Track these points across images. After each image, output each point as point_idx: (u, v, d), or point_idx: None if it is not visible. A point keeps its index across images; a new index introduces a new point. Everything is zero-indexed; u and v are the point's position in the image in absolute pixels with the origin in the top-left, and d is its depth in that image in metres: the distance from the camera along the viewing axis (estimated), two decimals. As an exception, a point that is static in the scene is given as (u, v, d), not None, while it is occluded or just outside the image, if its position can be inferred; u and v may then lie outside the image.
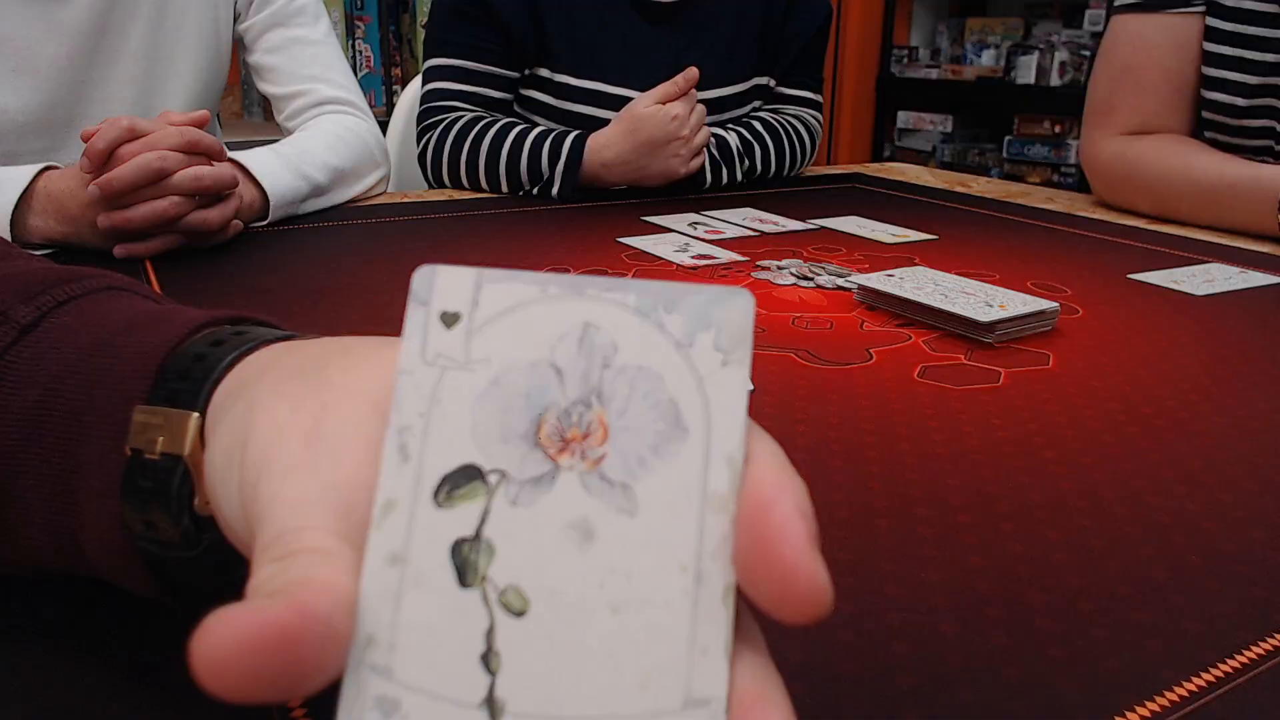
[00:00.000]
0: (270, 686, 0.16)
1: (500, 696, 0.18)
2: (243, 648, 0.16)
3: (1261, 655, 0.29)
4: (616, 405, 0.19)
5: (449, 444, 0.19)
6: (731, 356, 0.20)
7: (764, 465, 0.19)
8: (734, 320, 0.20)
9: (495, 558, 0.18)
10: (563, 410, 0.19)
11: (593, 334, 0.20)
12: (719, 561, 0.18)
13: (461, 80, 1.11)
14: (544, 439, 0.19)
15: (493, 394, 0.19)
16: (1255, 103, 0.98)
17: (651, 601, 0.18)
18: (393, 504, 0.19)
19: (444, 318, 0.20)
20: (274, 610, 0.16)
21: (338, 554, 0.18)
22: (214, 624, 0.16)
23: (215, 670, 0.16)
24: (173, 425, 0.24)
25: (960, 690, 0.28)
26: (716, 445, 0.19)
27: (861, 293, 0.68)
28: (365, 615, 0.18)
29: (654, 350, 0.20)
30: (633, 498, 0.19)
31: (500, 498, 0.19)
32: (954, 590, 0.32)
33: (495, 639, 0.18)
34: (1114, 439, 0.45)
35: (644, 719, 0.17)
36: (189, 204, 0.74)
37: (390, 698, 0.17)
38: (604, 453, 0.19)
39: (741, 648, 0.18)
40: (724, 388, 0.19)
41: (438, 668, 0.18)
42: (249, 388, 0.23)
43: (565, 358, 0.20)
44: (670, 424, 0.19)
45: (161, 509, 0.25)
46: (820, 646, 0.29)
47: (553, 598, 0.18)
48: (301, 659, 0.16)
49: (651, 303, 0.20)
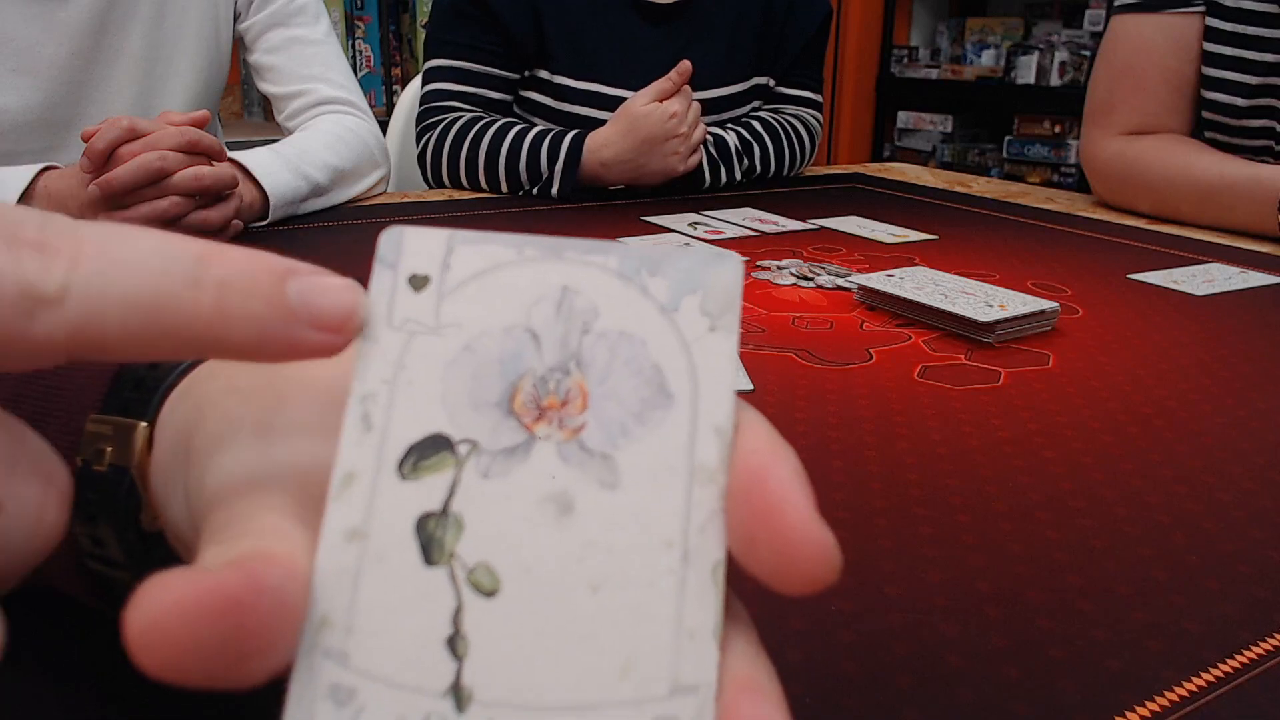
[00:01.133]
0: (211, 664, 0.14)
1: (468, 684, 0.16)
2: (182, 615, 0.14)
3: (1261, 655, 0.29)
4: (597, 372, 0.18)
5: (416, 412, 0.18)
6: (719, 322, 0.18)
7: (754, 433, 0.18)
8: (722, 284, 0.19)
9: (464, 533, 0.17)
10: (539, 377, 0.18)
11: (572, 298, 0.18)
12: (707, 537, 0.17)
13: (461, 81, 1.11)
14: (519, 407, 0.18)
15: (464, 360, 0.18)
16: (1255, 103, 0.98)
17: (634, 580, 0.17)
18: (353, 476, 0.17)
19: (412, 281, 0.18)
20: (219, 576, 0.14)
21: (292, 535, 0.17)
22: (150, 588, 0.14)
23: (149, 640, 0.14)
24: (121, 435, 0.23)
25: (960, 690, 0.28)
26: (704, 415, 0.18)
27: (861, 293, 0.68)
28: (319, 596, 0.16)
29: (637, 315, 0.18)
30: (614, 469, 0.17)
31: (470, 469, 0.17)
32: (954, 590, 0.32)
33: (463, 621, 0.16)
34: (1114, 439, 0.45)
35: (626, 707, 0.16)
36: (189, 204, 0.74)
37: (345, 686, 0.16)
38: (583, 422, 0.18)
39: (728, 630, 0.17)
40: (711, 354, 0.18)
41: (399, 653, 0.16)
42: (199, 386, 0.22)
43: (542, 322, 0.18)
44: (654, 391, 0.18)
45: (106, 522, 0.23)
46: (820, 646, 0.29)
47: (527, 576, 0.17)
48: (247, 632, 0.14)
49: (634, 266, 0.19)
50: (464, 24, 1.10)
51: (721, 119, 1.19)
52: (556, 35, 1.11)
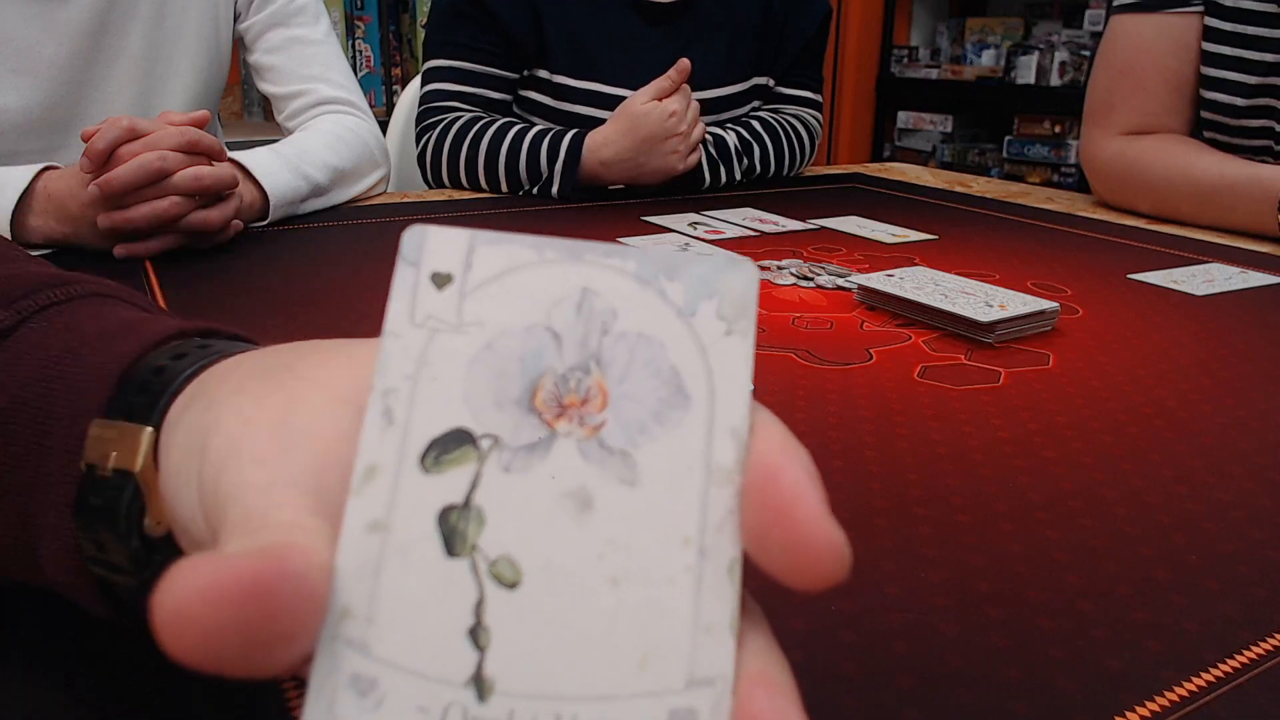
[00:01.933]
0: (236, 649, 0.14)
1: (489, 674, 0.16)
2: (209, 598, 0.14)
3: (1261, 655, 0.29)
4: (616, 372, 0.18)
5: (438, 407, 0.18)
6: (735, 326, 0.19)
7: (768, 433, 0.18)
8: (738, 289, 0.19)
9: (486, 526, 0.17)
10: (560, 375, 0.18)
11: (591, 299, 0.19)
12: (724, 535, 0.17)
13: (460, 81, 1.11)
14: (540, 404, 0.18)
15: (486, 357, 0.18)
16: (1254, 103, 0.98)
17: (653, 576, 0.17)
18: (375, 469, 0.17)
19: (434, 279, 0.19)
20: (246, 561, 0.15)
21: (313, 528, 0.17)
22: (179, 572, 0.14)
23: (177, 623, 0.14)
24: (125, 440, 0.23)
25: (960, 690, 0.28)
26: (720, 417, 0.18)
27: (861, 293, 0.68)
28: (341, 586, 0.16)
29: (655, 318, 0.19)
30: (633, 467, 0.18)
31: (492, 463, 0.18)
32: (954, 590, 0.32)
33: (485, 613, 0.17)
34: (1114, 439, 0.45)
35: (644, 699, 0.17)
36: (189, 204, 0.74)
37: (367, 675, 0.16)
38: (603, 420, 0.18)
39: (744, 626, 0.18)
40: (727, 358, 0.19)
41: (420, 643, 0.16)
42: (210, 389, 0.22)
43: (563, 322, 0.19)
44: (672, 392, 0.18)
45: (109, 528, 0.23)
46: (820, 646, 0.29)
47: (547, 570, 0.17)
48: (272, 618, 0.15)
49: (652, 270, 0.19)
50: (463, 24, 1.10)
51: (721, 119, 1.19)
52: (556, 35, 1.11)
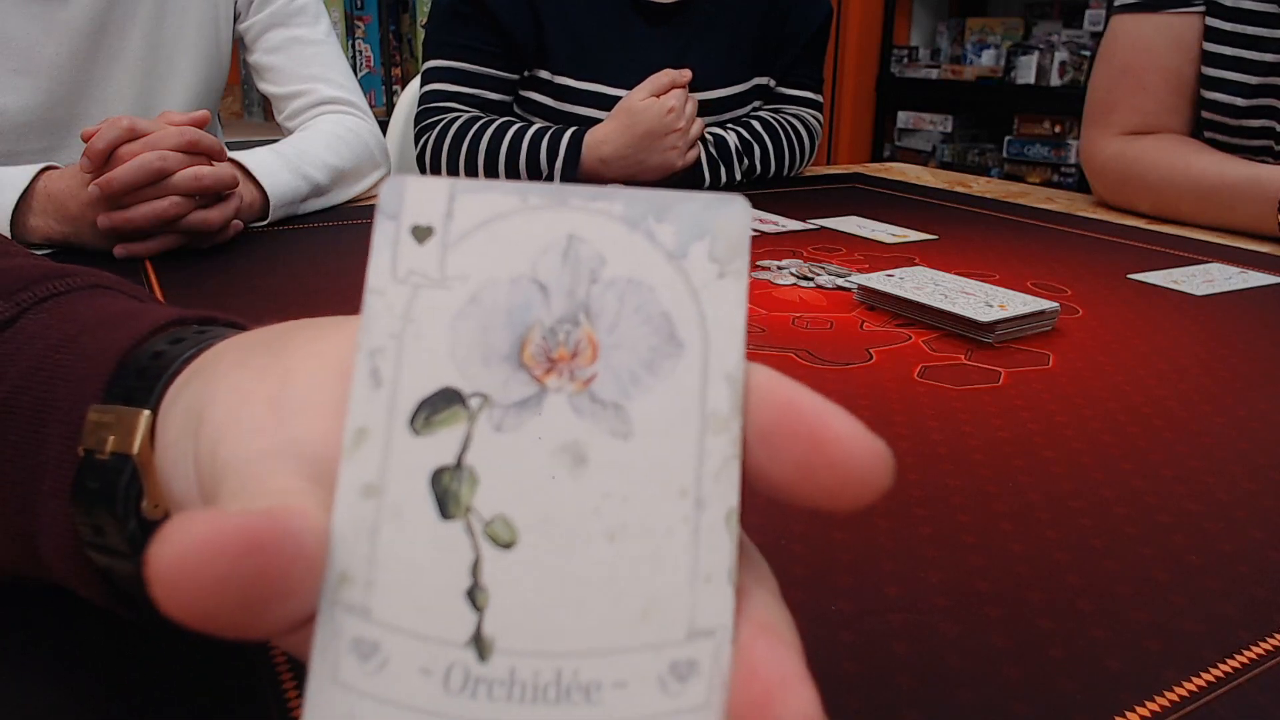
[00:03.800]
0: (232, 606, 0.14)
1: (489, 633, 0.16)
2: (206, 551, 0.14)
3: (1261, 655, 0.29)
4: (606, 321, 0.18)
5: (425, 367, 0.18)
6: (729, 267, 0.18)
7: (766, 376, 0.18)
8: (730, 228, 0.18)
9: (479, 487, 0.17)
10: (548, 328, 0.18)
11: (578, 246, 0.18)
12: (721, 484, 0.17)
13: (460, 82, 1.11)
14: (528, 359, 0.18)
15: (471, 312, 0.18)
16: (1255, 103, 0.98)
17: (650, 528, 0.17)
18: (365, 432, 0.17)
19: (415, 232, 0.18)
20: (243, 517, 0.15)
21: (308, 493, 0.17)
22: (175, 526, 0.14)
23: (173, 576, 0.14)
24: (123, 424, 0.23)
25: (960, 690, 0.28)
26: (715, 362, 0.18)
27: (861, 293, 0.68)
28: (339, 551, 0.16)
29: (644, 262, 0.18)
30: (626, 419, 0.18)
31: (483, 422, 0.17)
32: (954, 590, 0.32)
33: (482, 573, 0.17)
34: (1114, 439, 0.45)
35: (645, 651, 0.16)
36: (189, 204, 0.74)
37: (368, 639, 0.16)
38: (594, 372, 0.18)
39: (750, 583, 0.17)
40: (721, 301, 0.18)
41: (420, 605, 0.16)
42: (206, 368, 0.22)
43: (549, 272, 0.18)
44: (664, 339, 0.18)
45: (107, 511, 0.23)
46: (820, 646, 0.29)
47: (543, 527, 0.17)
48: (269, 573, 0.15)
49: (641, 212, 0.18)
50: (462, 25, 1.10)
51: (722, 119, 1.19)
52: (556, 35, 1.11)
